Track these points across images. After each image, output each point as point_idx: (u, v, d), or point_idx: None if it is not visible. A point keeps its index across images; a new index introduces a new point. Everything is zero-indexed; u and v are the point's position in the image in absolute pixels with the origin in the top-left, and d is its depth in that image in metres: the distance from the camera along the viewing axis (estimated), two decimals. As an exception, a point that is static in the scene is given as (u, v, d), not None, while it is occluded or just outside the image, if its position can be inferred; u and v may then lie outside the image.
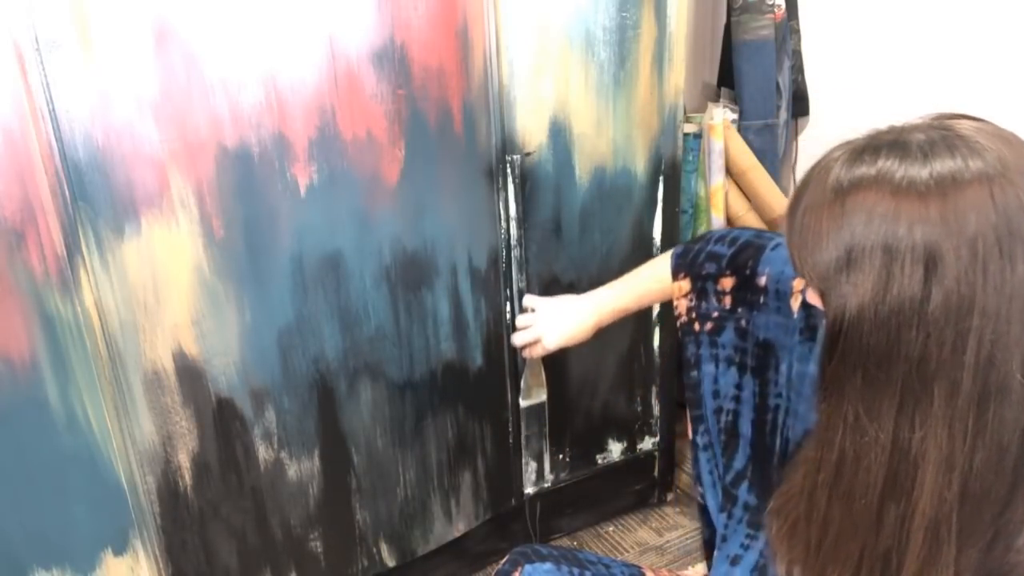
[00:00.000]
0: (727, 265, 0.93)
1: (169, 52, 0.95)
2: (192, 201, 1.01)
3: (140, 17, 0.93)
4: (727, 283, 0.93)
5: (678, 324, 0.99)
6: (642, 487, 1.71)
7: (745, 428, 0.92)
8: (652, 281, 1.04)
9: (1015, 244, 0.51)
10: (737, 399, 0.93)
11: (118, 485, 1.07)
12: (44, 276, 0.95)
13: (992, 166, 0.52)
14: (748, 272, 0.90)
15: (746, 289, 0.91)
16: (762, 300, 0.89)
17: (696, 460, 0.98)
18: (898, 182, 0.53)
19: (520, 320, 1.18)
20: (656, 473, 1.71)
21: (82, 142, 0.93)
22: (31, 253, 0.94)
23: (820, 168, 0.58)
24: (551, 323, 1.12)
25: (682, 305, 0.98)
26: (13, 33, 0.87)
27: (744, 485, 0.92)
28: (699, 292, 0.96)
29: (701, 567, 0.96)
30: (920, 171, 0.53)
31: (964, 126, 0.55)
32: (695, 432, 0.97)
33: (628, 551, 1.61)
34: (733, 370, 0.93)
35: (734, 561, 0.91)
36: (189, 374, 1.08)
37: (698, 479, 0.98)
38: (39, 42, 0.88)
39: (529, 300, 1.19)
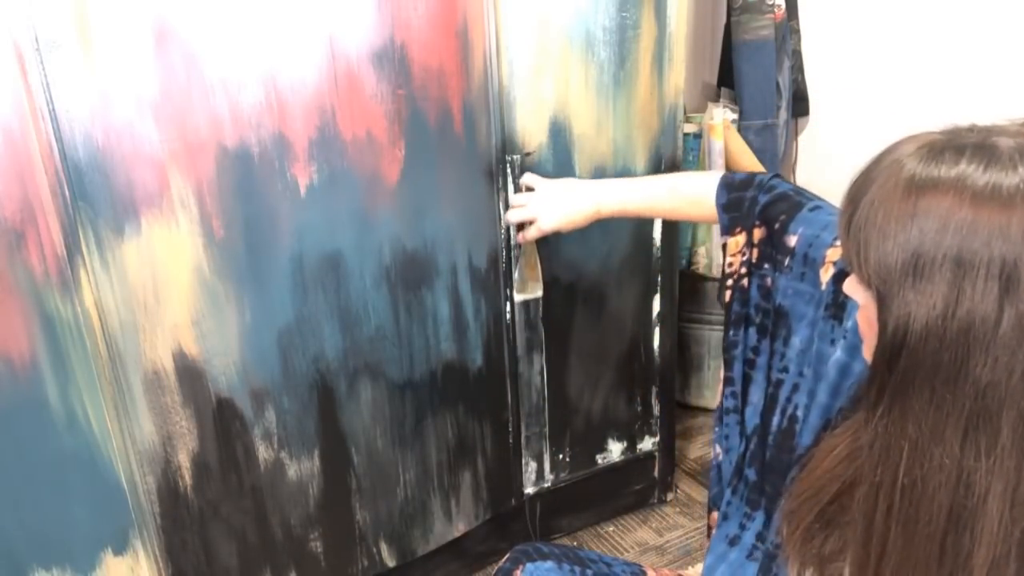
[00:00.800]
0: (759, 214, 0.87)
1: (169, 52, 0.95)
2: (192, 201, 1.01)
3: (140, 17, 0.93)
4: (757, 234, 0.87)
5: (729, 282, 0.92)
6: (642, 487, 1.71)
7: (756, 396, 0.88)
8: (677, 200, 0.97)
9: None
10: (752, 364, 0.89)
11: (118, 485, 1.07)
12: (44, 276, 0.95)
13: None
14: (777, 226, 0.84)
15: (772, 245, 0.85)
16: (787, 262, 0.83)
17: (720, 422, 0.93)
18: (980, 190, 0.49)
19: (516, 198, 1.11)
20: (656, 473, 1.71)
21: (82, 142, 0.93)
22: (31, 253, 0.94)
23: (890, 160, 0.54)
24: (548, 203, 1.06)
25: (737, 261, 0.91)
26: (13, 33, 0.87)
27: (748, 457, 0.89)
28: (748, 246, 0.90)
29: (701, 567, 0.95)
30: (1006, 180, 0.48)
31: None
32: (723, 394, 0.93)
33: (628, 551, 1.61)
34: (752, 331, 0.89)
35: (732, 542, 0.89)
36: (189, 374, 1.08)
37: (716, 445, 0.94)
38: (39, 42, 0.88)
39: (528, 178, 1.12)
